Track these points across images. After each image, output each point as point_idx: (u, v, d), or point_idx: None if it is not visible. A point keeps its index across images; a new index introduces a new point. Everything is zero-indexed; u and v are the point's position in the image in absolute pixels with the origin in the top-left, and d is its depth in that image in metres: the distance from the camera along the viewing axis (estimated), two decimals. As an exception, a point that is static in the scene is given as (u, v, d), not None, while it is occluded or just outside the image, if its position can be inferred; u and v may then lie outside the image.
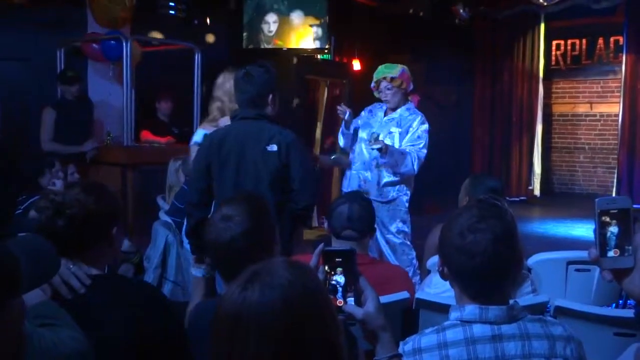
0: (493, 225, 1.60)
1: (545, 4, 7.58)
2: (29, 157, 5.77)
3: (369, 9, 9.27)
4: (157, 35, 7.32)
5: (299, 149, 3.24)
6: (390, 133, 4.57)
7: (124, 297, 1.82)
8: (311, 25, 8.60)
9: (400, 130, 4.57)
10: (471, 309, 1.61)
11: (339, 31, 9.04)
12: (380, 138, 4.51)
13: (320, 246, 1.56)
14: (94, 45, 6.59)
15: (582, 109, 11.09)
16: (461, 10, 9.87)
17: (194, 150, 3.62)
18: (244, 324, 1.15)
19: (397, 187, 4.61)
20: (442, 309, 2.23)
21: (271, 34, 8.71)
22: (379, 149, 4.31)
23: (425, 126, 4.62)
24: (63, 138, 5.93)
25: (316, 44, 8.64)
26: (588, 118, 11.05)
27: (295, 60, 8.51)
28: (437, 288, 2.64)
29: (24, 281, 1.24)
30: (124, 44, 6.09)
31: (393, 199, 4.60)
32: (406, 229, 4.66)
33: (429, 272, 3.17)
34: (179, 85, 7.00)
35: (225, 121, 3.58)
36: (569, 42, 10.94)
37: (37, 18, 6.46)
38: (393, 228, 4.59)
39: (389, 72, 4.62)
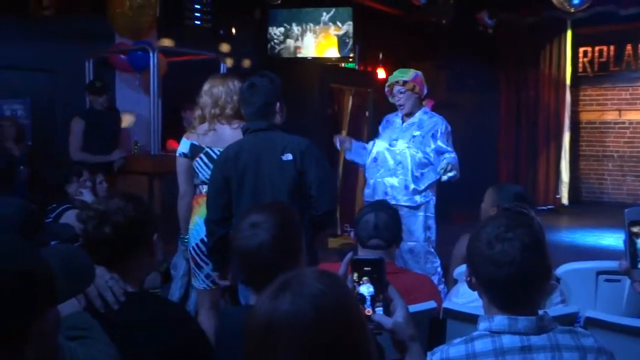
0: (521, 234, 1.59)
1: (572, 10, 7.50)
2: (56, 166, 5.86)
3: (393, 17, 9.27)
4: (182, 45, 7.40)
5: (314, 154, 3.20)
6: (413, 137, 4.55)
7: (155, 317, 1.85)
8: (336, 34, 8.63)
9: (421, 132, 4.55)
10: (500, 320, 1.59)
11: (364, 40, 9.06)
12: (402, 143, 4.54)
13: (349, 255, 1.55)
14: (121, 56, 6.68)
15: (610, 116, 10.95)
16: (486, 18, 9.82)
17: (180, 162, 3.65)
18: (275, 333, 1.15)
19: (424, 192, 4.58)
20: (470, 319, 2.21)
21: (296, 43, 8.75)
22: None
23: (449, 128, 4.66)
24: (91, 147, 6.01)
25: (341, 53, 8.66)
26: (617, 125, 10.90)
27: (319, 69, 8.54)
28: (464, 298, 2.61)
29: (59, 291, 1.26)
30: (151, 54, 6.16)
31: (421, 204, 4.56)
32: (432, 236, 4.62)
33: (456, 281, 3.14)
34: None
35: (204, 128, 3.55)
36: (597, 48, 10.82)
37: (66, 29, 6.57)
38: (419, 234, 4.54)
39: (401, 76, 4.61)
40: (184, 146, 3.61)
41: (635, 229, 1.16)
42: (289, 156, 3.13)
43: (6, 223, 1.87)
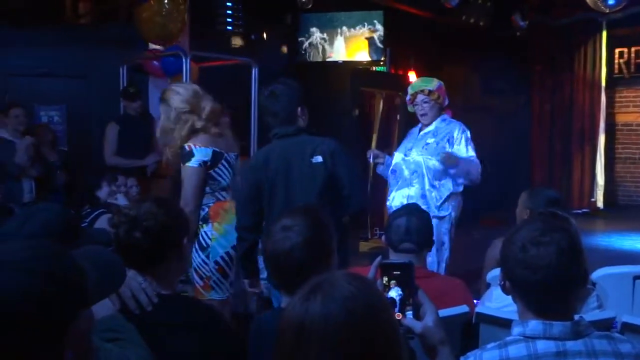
0: (557, 238, 1.57)
1: (606, 10, 7.38)
2: (90, 171, 5.96)
3: (424, 20, 9.23)
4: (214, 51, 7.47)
5: (343, 154, 3.24)
6: (426, 144, 4.44)
7: (188, 319, 1.87)
8: (367, 38, 8.62)
9: (435, 139, 4.42)
10: (535, 324, 1.57)
11: (394, 43, 9.03)
12: (416, 152, 4.42)
13: (378, 259, 1.55)
14: (154, 62, 6.77)
15: (647, 118, 10.75)
16: (518, 19, 9.72)
17: (198, 172, 3.37)
18: (306, 335, 1.15)
19: (443, 205, 4.36)
20: (504, 324, 2.18)
21: (327, 47, 8.77)
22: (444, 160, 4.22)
23: (468, 133, 4.48)
24: (126, 152, 6.10)
25: (372, 56, 8.65)
26: (654, 127, 10.70)
27: (350, 72, 8.54)
28: (498, 302, 2.58)
29: (91, 293, 1.28)
30: (183, 59, 6.23)
31: (437, 217, 4.24)
32: (444, 254, 4.34)
33: (488, 285, 3.11)
34: (236, 99, 7.10)
35: (209, 136, 3.45)
36: (633, 49, 10.62)
37: (101, 37, 6.69)
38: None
39: (426, 85, 4.51)
40: (203, 154, 3.38)
41: None
42: (318, 158, 3.17)
43: (47, 228, 1.91)
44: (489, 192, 9.43)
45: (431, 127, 4.51)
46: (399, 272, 1.50)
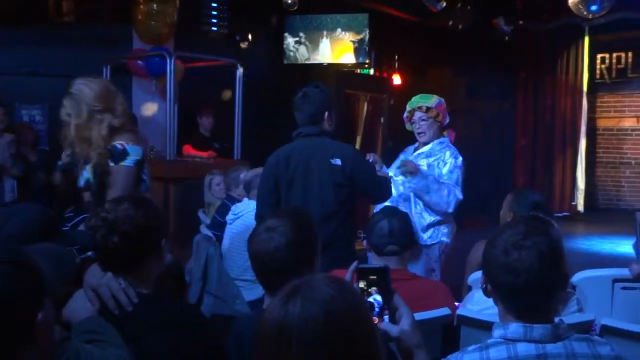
0: (539, 242, 1.58)
1: (589, 16, 7.45)
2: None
3: (409, 23, 9.27)
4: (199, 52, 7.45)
5: (362, 161, 3.52)
6: (419, 166, 4.10)
7: (168, 318, 1.86)
8: (352, 41, 8.64)
9: (429, 161, 4.11)
10: (515, 327, 1.58)
11: (380, 46, 9.07)
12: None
13: (355, 264, 1.56)
14: (139, 61, 6.73)
15: (628, 123, 10.86)
16: (502, 24, 9.79)
17: (133, 172, 3.16)
18: (286, 338, 1.16)
19: (432, 229, 4.07)
20: (485, 326, 2.20)
21: (312, 49, 8.77)
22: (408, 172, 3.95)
23: (459, 160, 4.13)
24: (108, 153, 6.05)
25: (356, 59, 8.67)
26: (634, 132, 10.81)
27: (335, 75, 8.55)
28: (479, 305, 2.60)
29: (49, 282, 1.30)
30: (168, 60, 6.21)
31: (427, 245, 4.04)
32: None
33: (470, 288, 3.13)
34: (221, 100, 7.09)
35: (131, 135, 3.26)
36: (614, 55, 10.74)
37: (84, 36, 6.65)
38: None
39: (424, 102, 4.19)
40: (137, 152, 3.17)
41: None
42: (337, 161, 3.32)
43: (28, 228, 1.90)
44: (472, 195, 9.49)
45: (426, 148, 4.20)
46: (375, 277, 1.51)
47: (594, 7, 6.99)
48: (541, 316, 1.60)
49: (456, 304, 2.80)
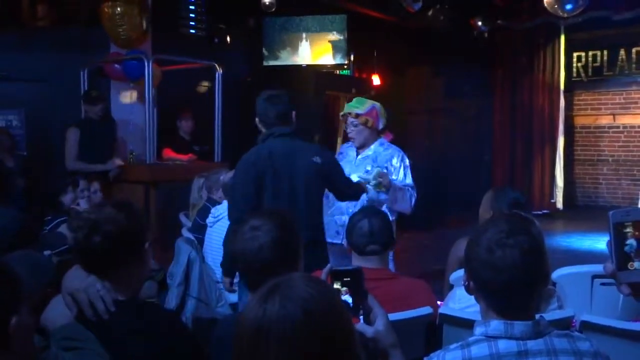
0: (521, 240, 1.59)
1: (565, 15, 7.53)
2: (52, 176, 5.86)
3: (387, 24, 9.30)
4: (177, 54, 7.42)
5: (336, 160, 3.74)
6: (367, 171, 4.05)
7: (148, 325, 1.84)
8: (331, 42, 8.65)
9: (376, 164, 4.11)
10: (496, 324, 1.60)
11: (358, 47, 9.09)
12: (355, 179, 3.95)
13: (329, 266, 1.57)
14: (116, 65, 6.68)
15: (604, 120, 10.99)
16: (479, 24, 9.86)
17: None
18: (264, 336, 1.16)
19: None
20: (466, 324, 2.21)
21: (291, 51, 8.77)
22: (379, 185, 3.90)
23: (407, 160, 4.21)
24: (87, 157, 6.01)
25: (336, 60, 8.69)
26: (611, 130, 10.94)
27: (314, 76, 8.56)
28: (461, 303, 2.61)
29: (25, 287, 1.29)
30: (146, 63, 6.17)
31: None
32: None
33: (451, 286, 3.14)
34: (200, 103, 7.06)
35: None
36: (590, 53, 10.87)
37: (60, 40, 6.58)
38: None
39: (355, 107, 4.22)
40: None
41: (620, 231, 1.17)
42: (318, 159, 3.46)
43: (2, 233, 1.87)
44: (451, 193, 9.56)
45: (369, 152, 4.22)
46: (349, 279, 1.52)
47: (568, 6, 7.07)
48: (523, 313, 1.61)
49: (438, 302, 2.81)
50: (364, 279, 1.53)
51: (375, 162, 4.16)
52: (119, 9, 6.16)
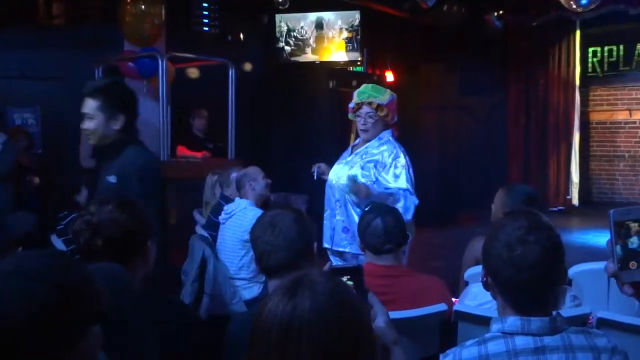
0: (542, 237, 1.58)
1: (579, 10, 7.46)
2: (68, 174, 5.89)
3: (401, 20, 9.27)
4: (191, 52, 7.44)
5: None
6: (351, 168, 3.70)
7: (157, 315, 1.84)
8: (344, 38, 8.63)
9: (362, 162, 3.69)
10: (513, 321, 1.58)
11: (372, 43, 9.06)
12: (343, 177, 3.65)
13: (329, 264, 1.57)
14: (130, 63, 6.71)
15: (621, 116, 10.88)
16: (494, 20, 9.80)
17: None
18: (295, 334, 1.14)
19: None
20: (482, 321, 2.20)
21: (304, 48, 8.76)
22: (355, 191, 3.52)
23: (402, 160, 3.66)
24: (101, 155, 6.03)
25: (349, 57, 8.67)
26: (627, 125, 10.83)
27: (327, 73, 8.54)
28: (476, 300, 2.60)
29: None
30: (160, 61, 6.18)
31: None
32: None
33: (466, 283, 3.12)
34: (214, 100, 7.07)
35: None
36: (606, 48, 10.76)
37: (75, 38, 6.62)
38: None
39: (375, 96, 3.71)
40: None
41: (621, 230, 1.15)
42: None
43: (11, 235, 1.88)
44: (466, 191, 9.51)
45: (362, 148, 3.79)
46: (349, 276, 1.51)
47: (584, 1, 7.01)
48: (540, 309, 1.60)
49: (453, 299, 2.80)
50: (364, 276, 1.53)
51: (362, 159, 3.72)
52: (143, 6, 6.19)
